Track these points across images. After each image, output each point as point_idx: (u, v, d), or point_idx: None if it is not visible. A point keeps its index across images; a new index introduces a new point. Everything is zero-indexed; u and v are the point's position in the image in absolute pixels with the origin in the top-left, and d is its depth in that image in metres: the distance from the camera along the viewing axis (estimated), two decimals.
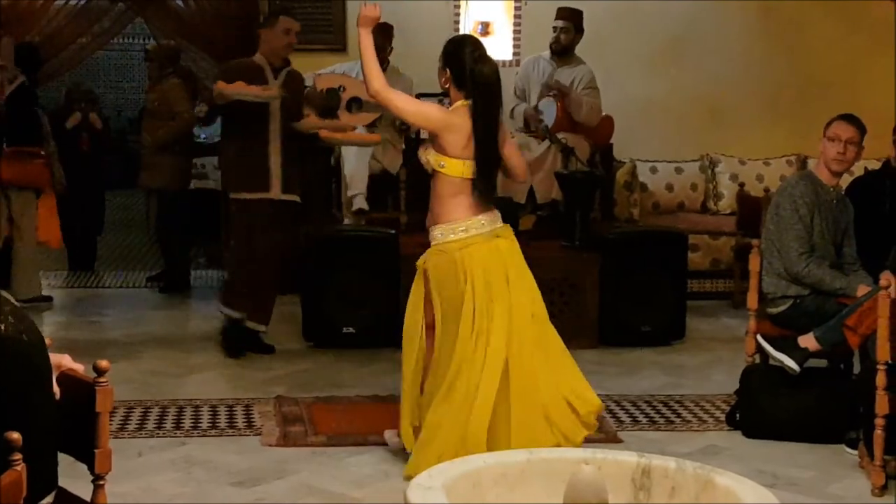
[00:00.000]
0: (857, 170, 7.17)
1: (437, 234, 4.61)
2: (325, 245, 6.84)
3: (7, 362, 2.55)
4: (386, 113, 7.59)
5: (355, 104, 7.67)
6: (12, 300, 2.68)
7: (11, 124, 7.46)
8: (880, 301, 4.50)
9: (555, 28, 7.84)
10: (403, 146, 7.81)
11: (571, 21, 7.82)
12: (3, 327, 2.57)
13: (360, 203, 7.55)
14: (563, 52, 7.83)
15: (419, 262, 4.69)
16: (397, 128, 7.72)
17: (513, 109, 7.95)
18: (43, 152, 7.71)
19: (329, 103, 7.69)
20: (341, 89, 7.70)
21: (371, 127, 7.64)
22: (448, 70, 4.64)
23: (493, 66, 4.61)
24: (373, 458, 4.85)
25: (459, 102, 4.61)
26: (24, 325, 2.64)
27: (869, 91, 8.57)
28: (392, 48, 7.80)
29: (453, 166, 4.55)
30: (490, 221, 4.59)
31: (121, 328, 7.33)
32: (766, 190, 7.69)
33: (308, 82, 7.85)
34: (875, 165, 7.06)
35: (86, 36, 8.65)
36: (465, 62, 4.58)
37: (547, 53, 7.91)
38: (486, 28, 8.87)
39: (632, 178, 8.60)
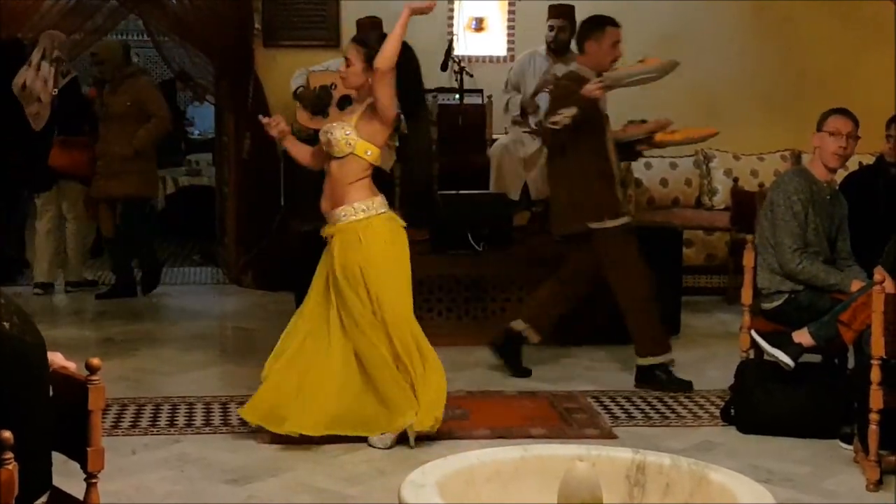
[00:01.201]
0: (851, 164, 7.18)
1: (341, 215, 4.96)
2: (320, 242, 6.82)
3: (7, 362, 2.55)
4: None
5: (346, 102, 7.66)
6: (14, 301, 2.69)
7: (63, 115, 7.88)
8: (874, 296, 4.50)
9: (552, 27, 7.80)
10: (397, 143, 7.79)
11: (568, 18, 7.80)
12: (6, 326, 2.57)
13: None
14: (562, 50, 7.82)
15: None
16: None
17: (507, 102, 7.93)
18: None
19: (320, 101, 7.69)
20: (333, 87, 7.70)
21: None
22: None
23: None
24: (367, 455, 4.84)
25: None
26: (26, 326, 2.64)
27: (862, 86, 8.57)
28: None
29: (376, 155, 4.97)
30: (383, 204, 5.02)
31: (114, 326, 7.32)
32: (761, 185, 7.69)
33: (301, 80, 7.86)
34: (868, 160, 7.07)
35: (79, 33, 8.61)
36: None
37: (542, 49, 7.90)
38: (479, 24, 8.87)
39: (626, 174, 8.59)
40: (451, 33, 8.54)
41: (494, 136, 8.23)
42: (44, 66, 7.71)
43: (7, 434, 2.42)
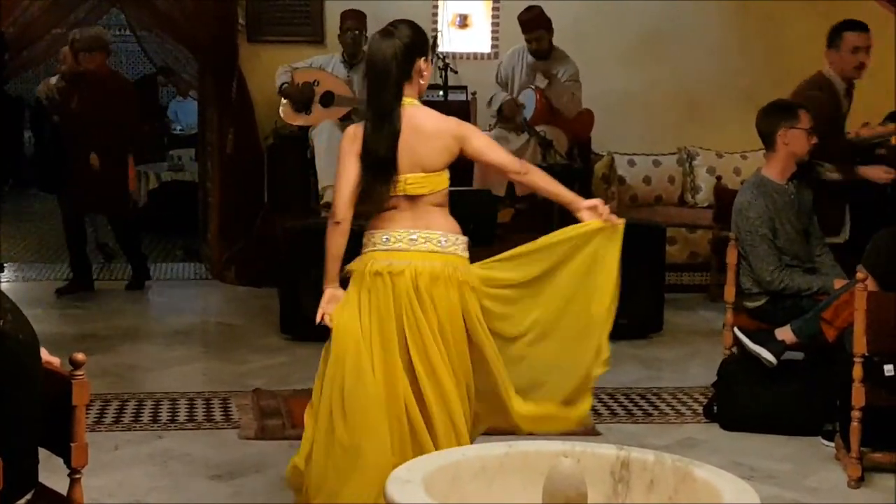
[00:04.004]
0: None
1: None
2: (303, 238, 6.82)
3: (0, 359, 2.55)
4: (360, 107, 7.62)
5: (329, 99, 7.68)
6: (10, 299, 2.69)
7: None
8: (857, 294, 4.52)
9: (529, 41, 7.82)
10: None
11: (542, 27, 7.81)
12: (1, 323, 2.56)
13: (329, 196, 7.51)
14: (546, 55, 7.84)
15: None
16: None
17: (492, 98, 7.95)
18: None
19: (303, 97, 7.69)
20: (316, 83, 7.70)
21: (345, 120, 7.62)
22: None
23: (391, 43, 3.77)
24: None
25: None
26: (20, 324, 2.64)
27: None
28: (367, 37, 7.82)
29: None
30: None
31: (97, 321, 7.29)
32: (743, 183, 7.70)
33: (286, 77, 7.84)
34: None
35: (61, 26, 8.57)
36: None
37: None
38: (464, 21, 8.87)
39: (610, 171, 8.61)
40: (436, 30, 8.54)
41: None
42: None
43: None
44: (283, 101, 7.80)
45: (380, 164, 3.74)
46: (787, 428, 5.12)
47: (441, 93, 8.00)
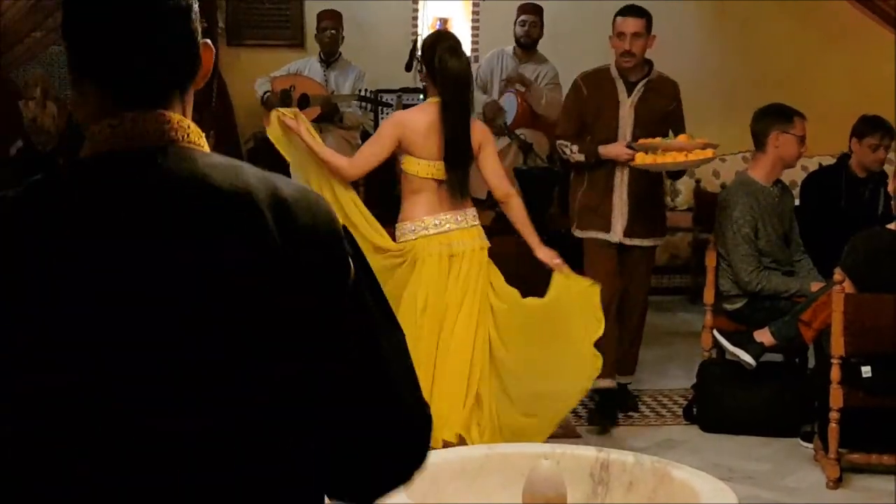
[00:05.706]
0: (812, 165, 7.26)
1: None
2: None
3: None
4: (341, 105, 7.62)
5: (305, 101, 7.67)
6: None
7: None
8: (834, 296, 4.55)
9: (523, 23, 7.84)
10: (359, 141, 7.80)
11: (539, 16, 7.85)
12: None
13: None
14: (531, 45, 7.86)
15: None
16: (337, 124, 7.70)
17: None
18: None
19: (284, 105, 7.68)
20: (292, 89, 7.70)
21: (319, 120, 7.61)
22: (424, 66, 4.71)
23: (463, 60, 4.61)
24: None
25: (432, 99, 4.65)
26: None
27: (821, 87, 8.66)
28: (344, 37, 7.82)
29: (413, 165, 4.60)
30: (447, 220, 4.62)
31: None
32: (723, 186, 7.75)
33: (266, 86, 7.84)
34: (829, 161, 7.13)
35: (40, 30, 8.53)
36: (436, 56, 4.57)
37: (510, 48, 7.92)
38: (444, 24, 8.87)
39: None
40: (416, 34, 8.55)
41: None
42: (49, 105, 7.89)
43: None
44: (266, 112, 7.81)
45: (465, 156, 4.62)
46: (765, 429, 5.15)
47: (422, 96, 8.00)
